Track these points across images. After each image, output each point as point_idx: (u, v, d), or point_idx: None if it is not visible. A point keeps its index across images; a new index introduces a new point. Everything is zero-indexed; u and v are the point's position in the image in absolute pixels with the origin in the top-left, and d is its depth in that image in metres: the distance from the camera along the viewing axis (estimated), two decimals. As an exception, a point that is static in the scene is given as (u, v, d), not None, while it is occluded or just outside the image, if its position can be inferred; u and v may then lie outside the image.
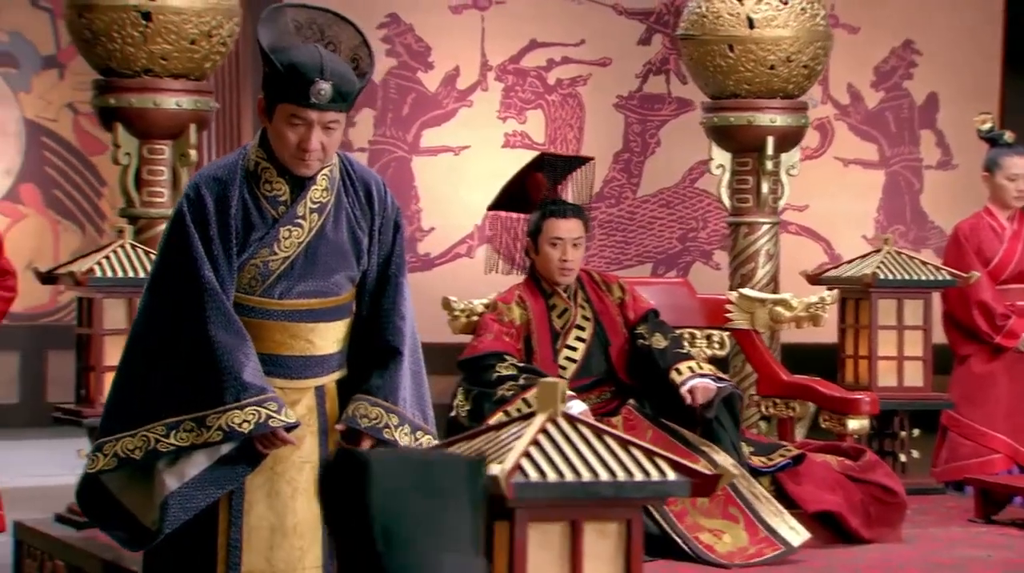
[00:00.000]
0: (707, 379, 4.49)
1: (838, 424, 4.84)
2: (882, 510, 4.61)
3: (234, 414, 3.21)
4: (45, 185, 9.83)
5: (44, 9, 9.82)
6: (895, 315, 5.52)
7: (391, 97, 9.59)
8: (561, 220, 4.60)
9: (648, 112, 9.84)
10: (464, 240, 9.67)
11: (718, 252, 9.84)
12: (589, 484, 2.52)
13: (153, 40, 5.07)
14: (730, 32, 5.82)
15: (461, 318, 4.78)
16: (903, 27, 9.85)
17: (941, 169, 10.01)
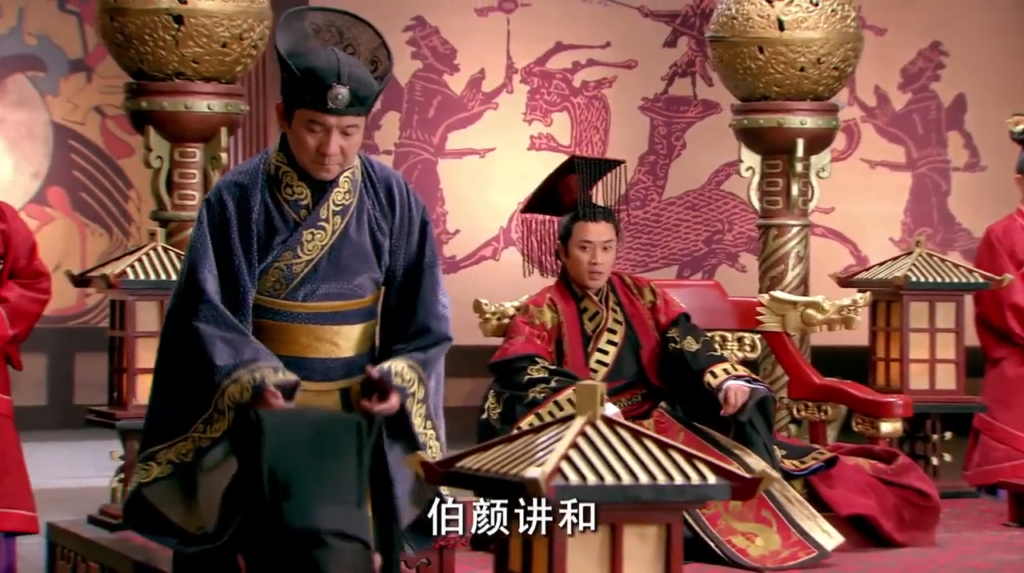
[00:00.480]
0: (741, 381, 4.48)
1: (871, 427, 4.82)
2: (916, 514, 4.59)
3: (231, 389, 3.23)
4: (72, 188, 9.87)
5: (72, 13, 9.86)
6: (927, 318, 5.49)
7: (417, 99, 9.60)
8: (591, 223, 4.60)
9: (674, 114, 9.83)
10: (489, 242, 9.67)
11: (744, 254, 9.81)
12: (629, 487, 2.52)
13: (185, 43, 5.08)
14: (760, 34, 5.81)
15: (492, 320, 4.78)
16: (930, 28, 9.82)
17: (969, 171, 9.98)
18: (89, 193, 9.95)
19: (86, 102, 9.92)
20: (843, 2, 5.91)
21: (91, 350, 9.37)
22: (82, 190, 9.93)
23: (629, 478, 2.53)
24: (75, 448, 8.06)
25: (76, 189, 9.91)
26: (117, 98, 10.34)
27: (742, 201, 9.77)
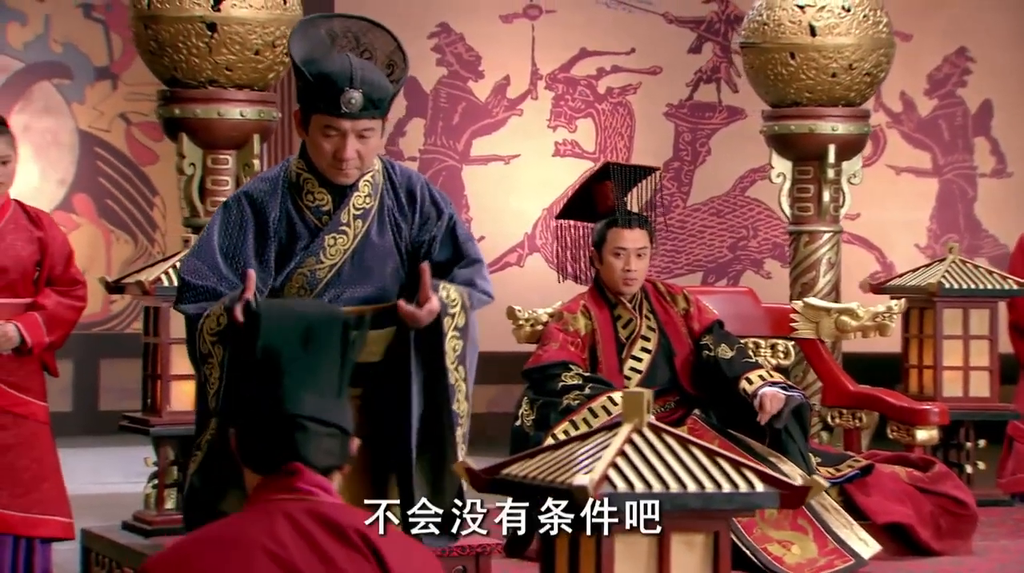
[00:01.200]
0: (777, 388, 4.46)
1: (906, 435, 4.80)
2: (952, 522, 4.57)
3: (210, 322, 3.31)
4: (98, 195, 9.88)
5: (97, 21, 9.89)
6: (961, 325, 5.47)
7: (441, 106, 9.60)
8: (625, 230, 4.59)
9: (699, 121, 9.81)
10: (514, 249, 9.66)
11: (769, 260, 9.79)
12: (677, 495, 2.51)
13: (218, 51, 5.09)
14: (792, 40, 5.79)
15: (525, 327, 4.77)
16: (957, 34, 9.79)
17: (995, 177, 9.93)
18: (114, 200, 9.97)
19: (111, 109, 9.94)
20: (875, 7, 5.89)
21: (116, 356, 9.38)
22: (107, 197, 9.95)
23: (677, 486, 2.52)
24: (101, 454, 8.06)
25: (102, 196, 9.92)
26: (142, 105, 10.40)
27: (767, 207, 9.75)
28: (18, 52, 9.69)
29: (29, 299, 4.54)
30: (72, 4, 9.77)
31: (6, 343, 4.45)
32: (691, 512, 2.52)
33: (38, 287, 4.57)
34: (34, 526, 4.45)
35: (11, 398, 4.48)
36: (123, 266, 9.52)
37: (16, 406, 4.48)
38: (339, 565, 2.22)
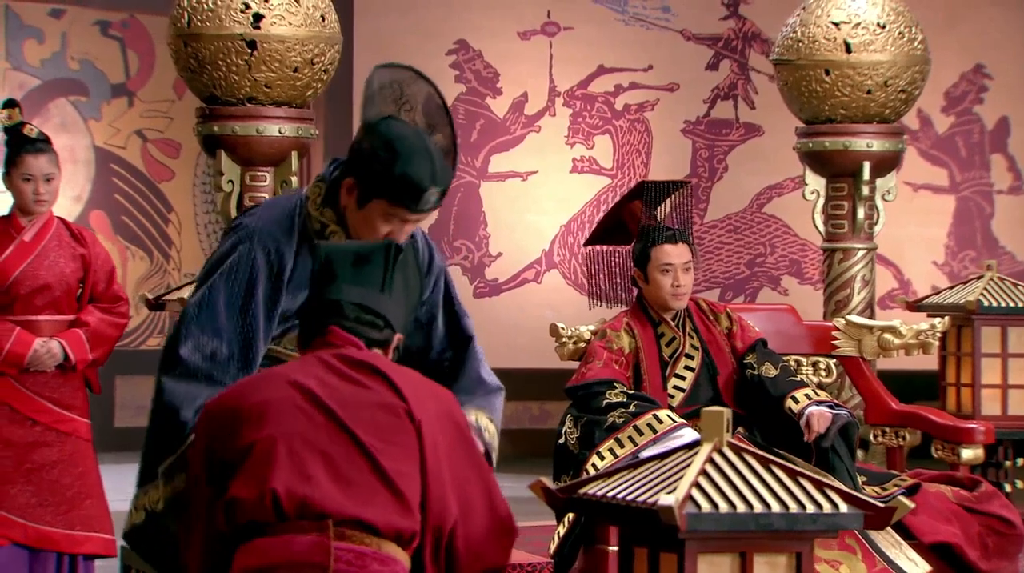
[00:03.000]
0: (823, 406, 4.44)
1: (951, 453, 4.77)
2: (1000, 542, 4.55)
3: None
4: (114, 212, 9.87)
5: (114, 38, 9.88)
6: (999, 342, 5.45)
7: (460, 123, 9.60)
8: (670, 246, 4.58)
9: (716, 137, 9.80)
10: (532, 265, 9.65)
11: (786, 277, 9.77)
12: (762, 516, 2.49)
13: (257, 68, 5.09)
14: (826, 56, 5.78)
15: (568, 344, 4.76)
16: (973, 51, 9.79)
17: (1013, 194, 9.93)
18: (130, 217, 9.95)
19: (128, 126, 9.93)
20: (910, 24, 5.88)
21: (131, 373, 9.34)
22: (123, 214, 9.93)
23: (760, 506, 2.50)
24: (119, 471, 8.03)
25: (117, 213, 9.91)
26: (158, 122, 10.39)
27: (784, 224, 9.73)
28: (35, 69, 9.68)
29: (72, 316, 4.53)
30: (89, 21, 9.77)
31: (50, 360, 4.45)
32: (775, 533, 2.50)
33: (81, 304, 4.56)
34: (78, 543, 4.44)
35: (55, 415, 4.47)
36: (138, 283, 9.50)
37: (60, 423, 4.47)
38: (352, 377, 2.71)
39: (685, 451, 2.60)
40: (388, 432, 2.65)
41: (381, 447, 2.62)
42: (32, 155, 4.51)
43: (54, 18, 9.66)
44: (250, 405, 2.72)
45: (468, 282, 9.58)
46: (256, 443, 2.66)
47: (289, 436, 2.66)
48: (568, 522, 4.47)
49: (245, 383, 2.82)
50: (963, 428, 4.78)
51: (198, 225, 9.99)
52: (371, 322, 2.79)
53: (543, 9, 9.60)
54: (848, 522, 2.51)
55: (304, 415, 2.68)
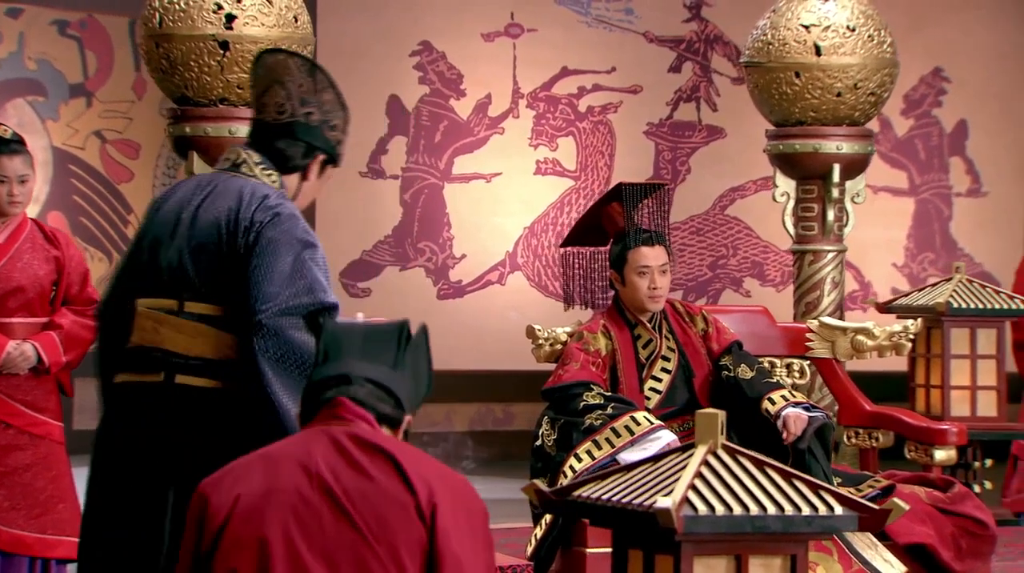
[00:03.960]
0: (800, 408, 4.46)
1: (924, 455, 4.80)
2: (973, 542, 4.57)
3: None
4: (72, 213, 9.78)
5: (72, 38, 9.80)
6: (968, 344, 5.49)
7: (423, 124, 9.57)
8: (647, 248, 4.58)
9: (679, 139, 9.83)
10: (496, 267, 9.64)
11: (748, 279, 9.81)
12: (757, 518, 2.49)
13: (230, 69, 5.06)
14: (797, 59, 5.81)
15: (545, 346, 4.75)
16: (932, 55, 9.86)
17: (971, 196, 10.01)
18: (89, 218, 9.87)
19: (86, 127, 9.85)
20: (879, 28, 5.92)
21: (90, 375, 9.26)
22: (82, 215, 9.85)
23: (756, 508, 2.50)
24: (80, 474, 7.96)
25: (76, 214, 9.82)
26: (117, 123, 10.30)
27: (746, 226, 9.77)
28: (-8, 69, 9.60)
29: (45, 318, 4.49)
30: (47, 21, 9.68)
31: (24, 362, 4.41)
32: (770, 535, 2.50)
33: (54, 306, 4.52)
34: (50, 547, 4.41)
35: (28, 418, 4.43)
36: (97, 284, 9.39)
37: (33, 426, 4.43)
38: (363, 466, 2.47)
39: (679, 453, 2.60)
40: (395, 531, 2.44)
41: (386, 550, 2.43)
42: (7, 156, 4.47)
43: (11, 18, 9.56)
44: (250, 494, 2.47)
45: (432, 284, 9.56)
46: (256, 542, 2.44)
47: (289, 536, 2.44)
48: (545, 524, 4.46)
49: (246, 464, 2.53)
50: (936, 429, 4.81)
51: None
52: (382, 398, 2.56)
53: (506, 11, 9.60)
54: (843, 524, 2.52)
55: (309, 509, 2.45)
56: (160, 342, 3.17)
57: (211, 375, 3.16)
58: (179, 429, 3.16)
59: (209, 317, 3.17)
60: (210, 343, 3.15)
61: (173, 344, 3.16)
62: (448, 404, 9.61)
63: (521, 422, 9.66)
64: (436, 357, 2.75)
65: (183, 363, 3.16)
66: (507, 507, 6.81)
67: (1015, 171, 9.95)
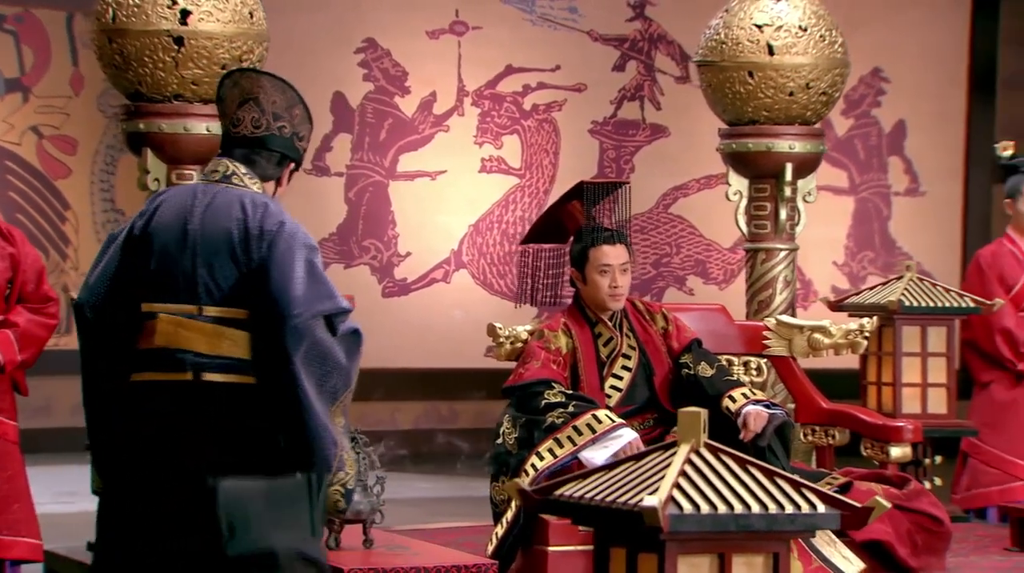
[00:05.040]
0: (760, 406, 4.48)
1: (880, 452, 4.84)
2: (928, 539, 4.62)
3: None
4: (8, 210, 9.65)
5: (8, 32, 9.67)
6: (919, 342, 5.54)
7: (368, 121, 9.53)
8: (608, 247, 4.59)
9: (623, 138, 9.85)
10: (441, 265, 9.62)
11: (691, 277, 9.86)
12: (742, 516, 2.50)
13: (185, 65, 5.01)
14: (750, 58, 5.83)
15: (506, 344, 4.75)
16: (871, 55, 9.95)
17: (909, 196, 10.11)
18: (26, 214, 9.74)
19: (22, 122, 9.72)
20: (831, 27, 5.96)
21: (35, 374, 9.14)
22: (18, 211, 9.72)
23: (741, 507, 2.50)
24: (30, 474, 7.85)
25: (12, 210, 9.69)
26: (54, 118, 10.17)
27: (690, 224, 9.81)
28: (-74, 64, 9.46)
29: (1, 316, 4.42)
30: (-18, 15, 9.56)
31: (-22, 362, 4.33)
32: (754, 533, 2.51)
33: (9, 304, 4.45)
34: (5, 548, 4.35)
35: (-18, 418, 4.36)
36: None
37: (-13, 426, 4.36)
38: None
39: (661, 452, 2.60)
40: None
41: None
42: None
43: (-54, 12, 9.44)
44: None
45: (377, 282, 9.52)
46: None
47: None
48: (506, 523, 4.45)
49: None
50: (892, 427, 4.85)
51: (96, 223, 9.81)
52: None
53: (451, 8, 9.57)
54: (825, 522, 2.53)
55: None
56: (185, 344, 3.47)
57: (234, 372, 3.46)
58: (208, 422, 3.45)
59: (227, 319, 3.48)
60: (230, 343, 3.46)
61: (197, 345, 3.46)
62: (393, 402, 9.58)
63: (466, 420, 9.64)
64: (381, 355, 2.76)
65: (209, 362, 3.46)
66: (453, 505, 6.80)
67: (952, 170, 10.07)
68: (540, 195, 9.69)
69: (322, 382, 3.42)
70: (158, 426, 3.44)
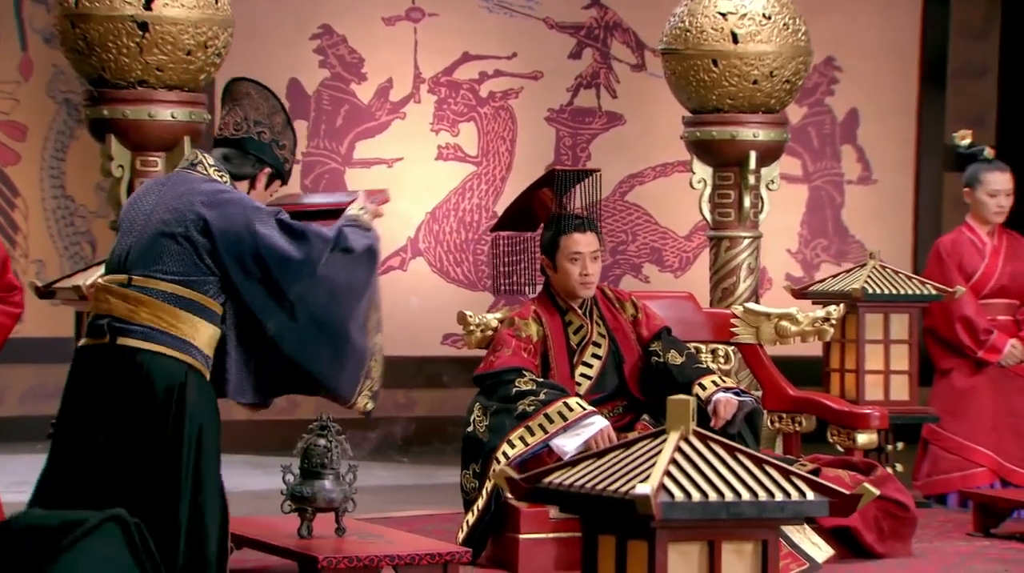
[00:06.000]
0: (730, 393, 4.50)
1: (846, 438, 4.87)
2: (894, 525, 4.66)
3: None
4: (-44, 197, 9.53)
5: (-43, 15, 9.55)
6: (882, 329, 5.57)
7: (324, 108, 9.48)
8: (579, 234, 4.59)
9: (579, 126, 9.85)
10: (397, 253, 9.58)
11: (647, 265, 9.88)
12: (732, 504, 2.51)
13: (149, 51, 4.96)
14: (714, 47, 5.84)
15: (476, 333, 4.74)
16: (824, 44, 9.98)
17: (861, 184, 10.17)
18: (-26, 202, 9.62)
19: (-30, 108, 9.59)
20: (794, 16, 5.97)
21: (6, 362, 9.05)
22: (-34, 198, 9.60)
23: (731, 494, 2.51)
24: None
25: (-40, 197, 9.57)
26: (3, 104, 10.00)
27: (645, 212, 9.83)
28: None
29: (-36, 306, 4.36)
30: (-72, -1, 9.42)
31: (-56, 351, 4.27)
32: (743, 521, 2.52)
33: (-27, 294, 4.39)
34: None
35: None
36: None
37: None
38: None
39: (650, 440, 2.61)
40: None
41: None
42: None
43: None
44: None
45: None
46: None
47: None
48: (477, 511, 4.45)
49: None
50: (859, 414, 4.89)
51: (46, 210, 9.70)
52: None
53: (408, -6, 9.55)
54: (815, 509, 2.54)
55: None
56: (107, 310, 3.64)
57: (150, 341, 3.63)
58: (121, 386, 3.63)
59: (152, 290, 3.66)
60: (147, 312, 3.60)
61: (118, 311, 3.62)
62: (349, 390, 9.54)
63: (423, 408, 9.61)
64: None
65: (125, 328, 3.63)
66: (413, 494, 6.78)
67: (904, 159, 10.13)
68: (497, 183, 9.68)
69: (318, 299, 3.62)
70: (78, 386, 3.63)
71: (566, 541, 4.39)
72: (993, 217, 5.95)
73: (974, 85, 10.06)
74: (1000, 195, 5.91)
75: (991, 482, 5.72)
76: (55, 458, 3.65)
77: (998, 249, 5.91)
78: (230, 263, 3.58)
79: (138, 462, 3.52)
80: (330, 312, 3.61)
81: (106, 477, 3.53)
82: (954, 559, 4.67)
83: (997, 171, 5.93)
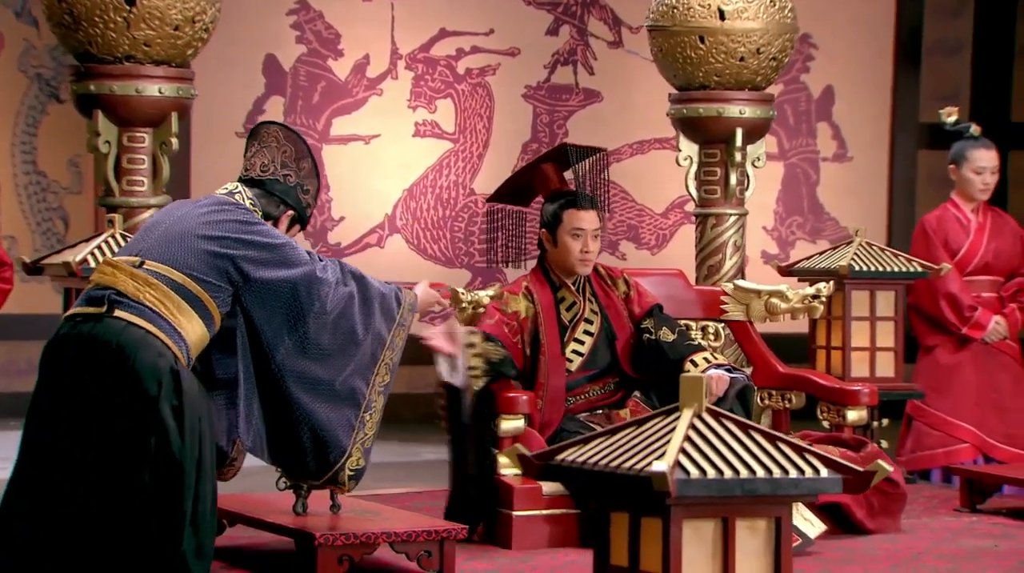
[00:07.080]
0: (722, 370, 4.51)
1: (836, 415, 4.89)
2: (884, 501, 4.68)
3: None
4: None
5: (-72, -12, 9.44)
6: (868, 306, 5.59)
7: (301, 84, 9.43)
8: (583, 211, 4.59)
9: (556, 103, 9.84)
10: (375, 230, 9.56)
11: (624, 242, 9.88)
12: (747, 481, 2.51)
13: (136, 26, 4.91)
14: (701, 24, 5.83)
15: (468, 309, 4.73)
16: (800, 21, 9.97)
17: (836, 161, 10.20)
18: (-55, 178, 9.54)
19: (-63, 83, 9.50)
20: (780, -8, 5.97)
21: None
22: (-62, 174, 9.52)
23: (746, 471, 2.52)
24: None
25: (-69, 174, 9.49)
26: (-31, 80, 9.92)
27: (622, 189, 9.83)
28: None
29: (-45, 283, 4.32)
30: None
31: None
32: (757, 497, 2.53)
33: (-36, 270, 4.35)
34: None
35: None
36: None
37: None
38: None
39: (664, 417, 2.61)
40: None
41: None
42: None
43: None
44: None
45: (311, 246, 9.44)
46: None
47: None
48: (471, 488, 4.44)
49: None
50: (849, 390, 4.90)
51: (18, 186, 9.62)
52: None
53: (385, -30, 9.51)
54: (828, 486, 2.55)
55: None
56: (111, 283, 3.71)
57: (145, 319, 3.69)
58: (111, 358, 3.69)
59: (163, 276, 3.74)
60: (152, 295, 3.69)
61: (123, 286, 3.69)
62: (326, 368, 9.53)
63: (399, 385, 9.61)
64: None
65: (125, 302, 3.70)
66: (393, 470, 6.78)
67: (879, 137, 10.16)
68: (474, 160, 9.67)
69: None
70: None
71: (559, 518, 4.40)
72: (979, 194, 5.97)
73: (948, 62, 10.10)
74: (986, 172, 5.93)
75: (974, 458, 5.76)
76: (32, 431, 3.64)
77: (983, 226, 5.93)
78: (252, 304, 3.80)
79: (116, 436, 3.53)
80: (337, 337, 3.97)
81: (84, 450, 3.54)
82: (944, 535, 4.70)
83: (983, 148, 5.95)
